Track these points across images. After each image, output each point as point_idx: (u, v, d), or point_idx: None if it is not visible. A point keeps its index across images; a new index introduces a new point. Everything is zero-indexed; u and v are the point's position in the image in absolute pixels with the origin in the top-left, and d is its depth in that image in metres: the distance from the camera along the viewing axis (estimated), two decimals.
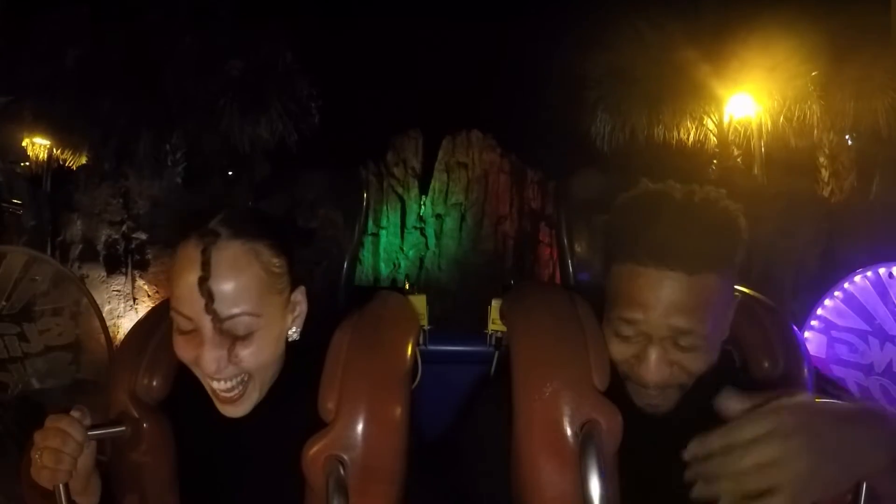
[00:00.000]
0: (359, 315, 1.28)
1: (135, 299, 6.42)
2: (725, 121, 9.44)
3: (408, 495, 1.20)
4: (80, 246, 6.89)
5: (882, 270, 1.74)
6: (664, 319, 1.14)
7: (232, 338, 1.13)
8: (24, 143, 9.62)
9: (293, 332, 1.24)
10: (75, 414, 1.16)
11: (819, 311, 1.85)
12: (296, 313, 1.24)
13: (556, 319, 1.28)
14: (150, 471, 1.24)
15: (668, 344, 1.16)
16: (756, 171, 9.07)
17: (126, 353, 1.34)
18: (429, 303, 1.71)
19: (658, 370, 1.16)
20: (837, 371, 1.73)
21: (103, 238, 6.97)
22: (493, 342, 1.68)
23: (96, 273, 6.65)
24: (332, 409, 1.16)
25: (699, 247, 1.12)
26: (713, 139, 9.86)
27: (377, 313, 1.31)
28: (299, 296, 1.24)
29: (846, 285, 1.80)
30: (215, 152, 9.13)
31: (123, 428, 1.22)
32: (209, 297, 1.09)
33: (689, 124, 9.94)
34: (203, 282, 1.09)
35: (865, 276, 1.79)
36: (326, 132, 10.71)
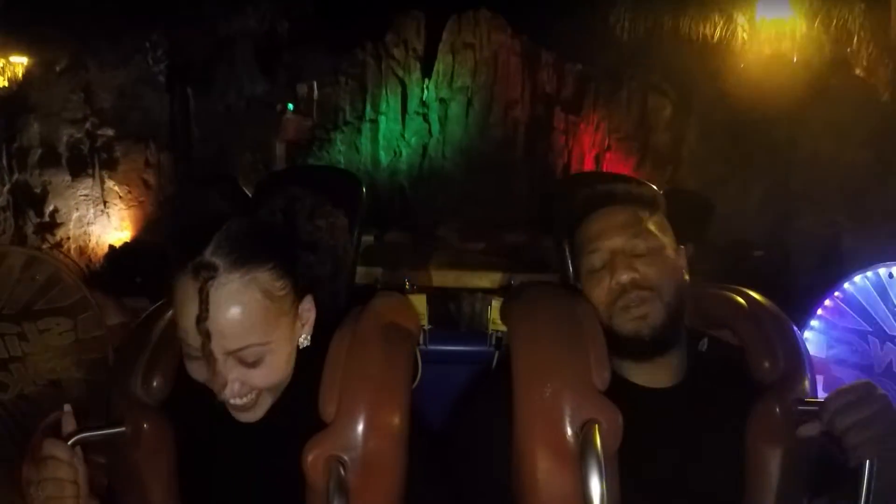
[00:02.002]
0: (358, 315, 1.28)
1: (105, 203, 5.67)
2: (757, 19, 8.75)
3: (408, 495, 1.20)
4: (40, 150, 6.02)
5: (882, 270, 1.74)
6: (619, 238, 1.35)
7: (243, 365, 1.13)
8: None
9: (304, 340, 1.23)
10: (66, 408, 1.15)
11: (819, 311, 1.86)
12: (304, 321, 1.22)
13: (557, 319, 1.29)
14: (151, 471, 1.24)
15: (629, 253, 1.34)
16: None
17: (126, 353, 1.34)
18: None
19: (624, 268, 1.32)
20: (837, 371, 1.74)
21: (65, 139, 6.11)
22: (494, 342, 1.69)
23: (60, 179, 5.83)
24: (332, 409, 1.16)
25: (627, 187, 1.44)
26: (741, 37, 8.76)
27: (377, 313, 1.31)
28: (307, 304, 1.22)
29: (846, 285, 1.80)
30: (198, 44, 7.92)
31: (123, 429, 1.23)
32: (206, 336, 1.06)
33: (716, 19, 8.81)
34: (200, 322, 1.05)
35: (865, 277, 1.79)
36: (320, 15, 9.40)
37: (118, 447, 1.25)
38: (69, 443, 1.14)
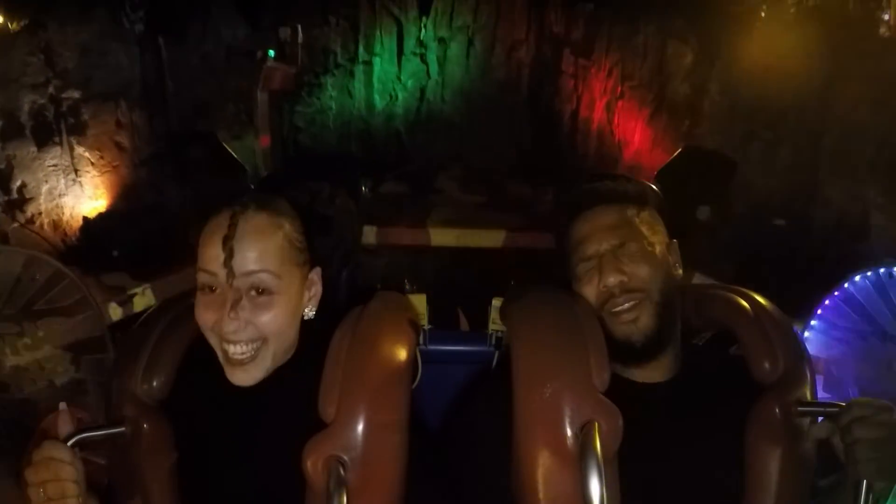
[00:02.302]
0: (358, 315, 1.29)
1: (76, 171, 4.84)
2: None
3: (408, 495, 1.21)
4: (0, 123, 5.22)
5: (882, 270, 1.75)
6: (605, 239, 1.37)
7: (252, 300, 1.19)
8: None
9: (308, 311, 1.29)
10: (62, 406, 1.16)
11: (819, 311, 1.87)
12: (312, 292, 1.30)
13: (557, 320, 1.29)
14: (151, 471, 1.24)
15: (617, 255, 1.35)
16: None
17: (126, 353, 1.34)
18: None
19: (610, 271, 1.33)
20: (837, 371, 1.74)
21: (27, 107, 5.30)
22: (493, 342, 1.69)
23: (25, 150, 5.13)
24: (333, 409, 1.16)
25: (612, 186, 1.46)
26: None
27: (377, 313, 1.32)
28: (315, 276, 1.30)
29: (846, 285, 1.81)
30: None
31: (123, 428, 1.23)
32: (230, 253, 1.16)
33: None
34: (227, 241, 1.17)
35: (865, 276, 1.80)
36: None
37: (118, 447, 1.26)
38: (70, 442, 1.14)
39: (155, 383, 1.27)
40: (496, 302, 1.64)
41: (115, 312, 1.72)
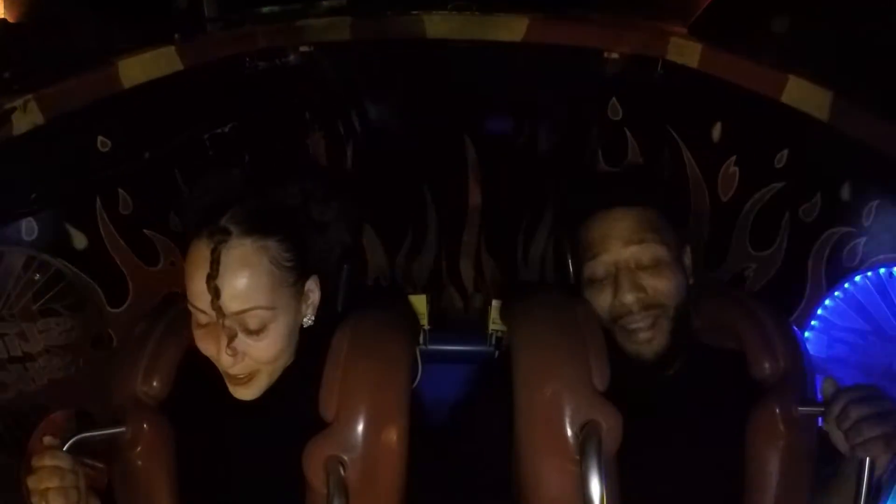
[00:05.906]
0: (359, 316, 1.29)
1: None
2: None
3: (408, 495, 1.21)
4: None
5: (882, 270, 1.76)
6: (624, 248, 1.31)
7: (247, 332, 1.16)
8: None
9: (308, 319, 1.26)
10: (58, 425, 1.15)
11: (819, 311, 1.86)
12: (309, 301, 1.26)
13: (557, 320, 1.30)
14: (150, 471, 1.24)
15: (635, 270, 1.31)
16: None
17: (126, 353, 1.34)
18: None
19: (629, 288, 1.28)
20: (837, 371, 1.74)
21: None
22: (494, 342, 1.69)
23: None
24: (333, 409, 1.17)
25: (631, 184, 1.44)
26: None
27: (377, 314, 1.32)
28: (312, 284, 1.25)
29: (846, 285, 1.81)
30: None
31: (123, 429, 1.23)
32: (215, 293, 1.11)
33: None
34: (210, 280, 1.11)
35: (866, 276, 1.80)
36: None
37: (118, 447, 1.26)
38: (70, 443, 1.14)
39: (155, 383, 1.28)
40: (496, 302, 1.64)
41: None
